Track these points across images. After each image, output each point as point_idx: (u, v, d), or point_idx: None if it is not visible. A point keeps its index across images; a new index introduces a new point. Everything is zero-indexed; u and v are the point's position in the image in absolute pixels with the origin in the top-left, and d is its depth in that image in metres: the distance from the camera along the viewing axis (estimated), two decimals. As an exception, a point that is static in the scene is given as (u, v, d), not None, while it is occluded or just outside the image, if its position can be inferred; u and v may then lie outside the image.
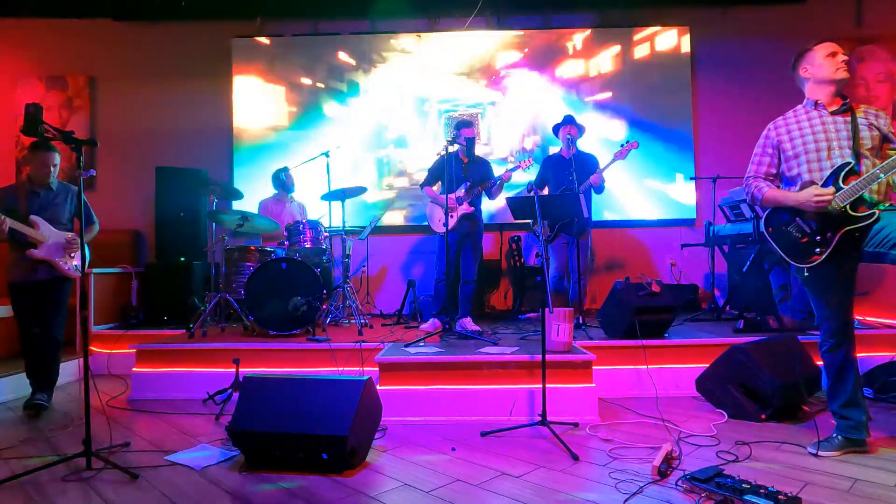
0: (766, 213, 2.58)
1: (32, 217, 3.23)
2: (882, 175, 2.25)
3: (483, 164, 4.38)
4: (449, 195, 4.17)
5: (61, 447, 2.73)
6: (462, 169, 4.26)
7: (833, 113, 2.46)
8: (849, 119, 2.42)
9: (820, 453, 2.43)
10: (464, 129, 4.24)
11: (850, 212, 2.31)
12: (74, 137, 2.66)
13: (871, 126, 2.39)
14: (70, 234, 3.39)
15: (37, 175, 3.29)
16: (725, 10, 5.90)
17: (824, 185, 2.37)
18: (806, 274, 2.42)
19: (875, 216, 2.28)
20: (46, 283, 3.30)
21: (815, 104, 2.50)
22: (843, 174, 2.33)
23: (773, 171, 2.60)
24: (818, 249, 2.37)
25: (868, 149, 2.37)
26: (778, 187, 2.59)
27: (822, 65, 2.46)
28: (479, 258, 4.39)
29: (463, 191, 4.21)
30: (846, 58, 2.45)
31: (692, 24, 5.92)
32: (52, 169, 3.30)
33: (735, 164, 5.57)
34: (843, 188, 2.31)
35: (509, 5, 6.00)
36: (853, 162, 2.33)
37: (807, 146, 2.46)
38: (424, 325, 4.14)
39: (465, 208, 4.20)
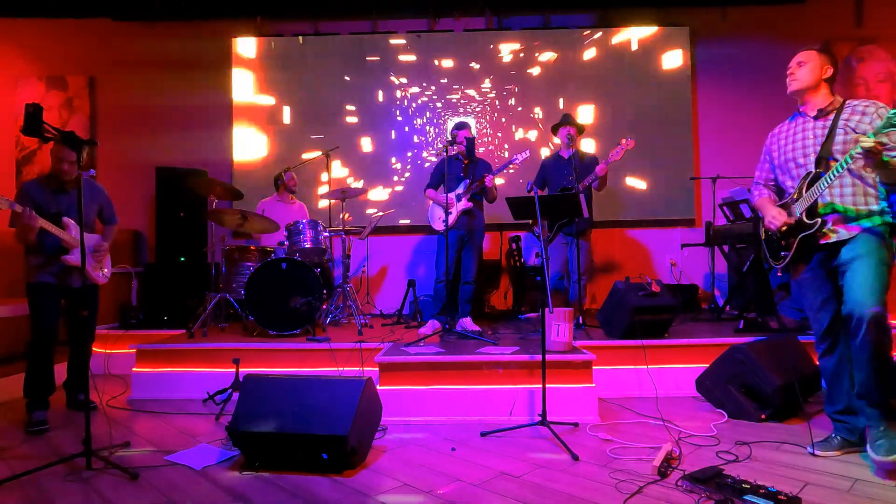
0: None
1: (65, 219, 3.10)
2: (823, 187, 2.26)
3: (483, 164, 4.38)
4: (449, 195, 4.18)
5: (61, 447, 2.74)
6: (462, 169, 4.27)
7: (816, 117, 2.45)
8: (829, 123, 2.40)
9: (818, 453, 2.44)
10: (461, 130, 4.27)
11: (805, 220, 2.36)
12: (74, 137, 2.66)
13: (849, 129, 2.32)
14: (95, 243, 3.31)
15: (56, 170, 3.10)
16: (725, 10, 5.90)
17: (795, 195, 2.43)
18: (779, 275, 2.53)
19: (818, 224, 2.31)
20: (79, 291, 3.15)
21: (798, 112, 2.54)
22: (807, 182, 2.37)
23: (772, 177, 2.65)
24: (783, 253, 2.48)
25: (841, 152, 2.31)
26: (782, 191, 2.63)
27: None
28: (479, 258, 4.39)
29: (462, 188, 4.22)
30: (791, 70, 2.51)
31: (692, 24, 5.92)
32: (68, 166, 3.09)
33: (735, 164, 5.59)
34: (802, 196, 2.37)
35: (509, 5, 6.00)
36: (814, 171, 2.35)
37: (786, 155, 2.51)
38: (423, 329, 4.12)
39: (464, 204, 4.20)
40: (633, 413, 3.12)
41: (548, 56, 5.95)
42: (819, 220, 2.32)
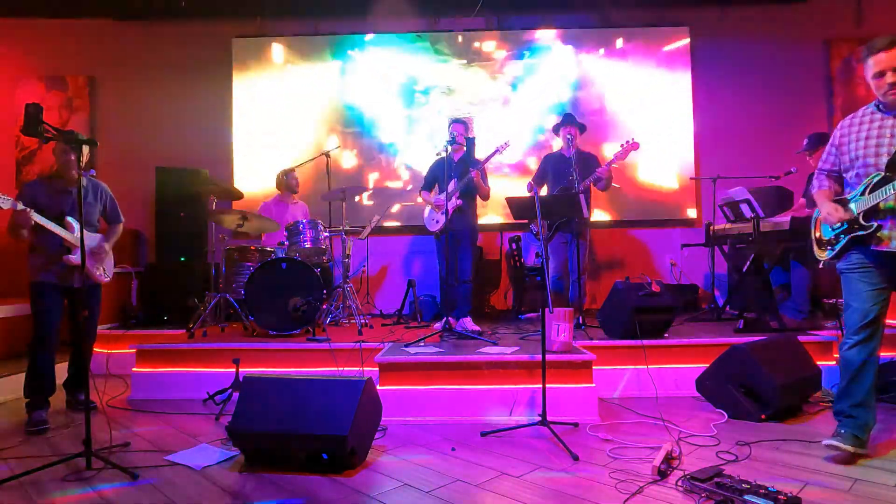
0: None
1: (68, 219, 3.09)
2: (888, 193, 2.21)
3: (474, 163, 4.36)
4: (441, 195, 4.21)
5: (61, 447, 2.74)
6: (453, 168, 4.25)
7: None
8: None
9: (835, 443, 2.36)
10: (455, 125, 4.28)
11: (862, 221, 2.33)
12: (74, 137, 2.66)
13: None
14: (97, 242, 3.31)
15: (60, 169, 3.13)
16: (725, 10, 5.90)
17: (859, 193, 2.37)
18: (821, 266, 2.54)
19: (874, 227, 2.28)
20: (81, 290, 3.13)
21: (878, 105, 2.40)
22: (871, 184, 2.31)
23: (836, 169, 2.57)
24: (829, 248, 2.48)
25: None
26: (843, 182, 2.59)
27: (872, 83, 2.35)
28: (474, 257, 4.37)
29: (452, 187, 4.21)
30: (893, 80, 2.25)
31: (692, 23, 5.92)
32: (70, 163, 3.05)
33: (735, 164, 5.59)
34: (864, 197, 2.32)
35: (509, 5, 6.00)
36: (882, 173, 2.28)
37: (856, 152, 2.40)
38: (438, 325, 4.14)
39: (454, 203, 4.19)
40: (633, 413, 3.12)
41: (548, 56, 5.95)
42: (875, 223, 2.28)
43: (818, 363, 3.25)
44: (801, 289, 4.11)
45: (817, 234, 2.59)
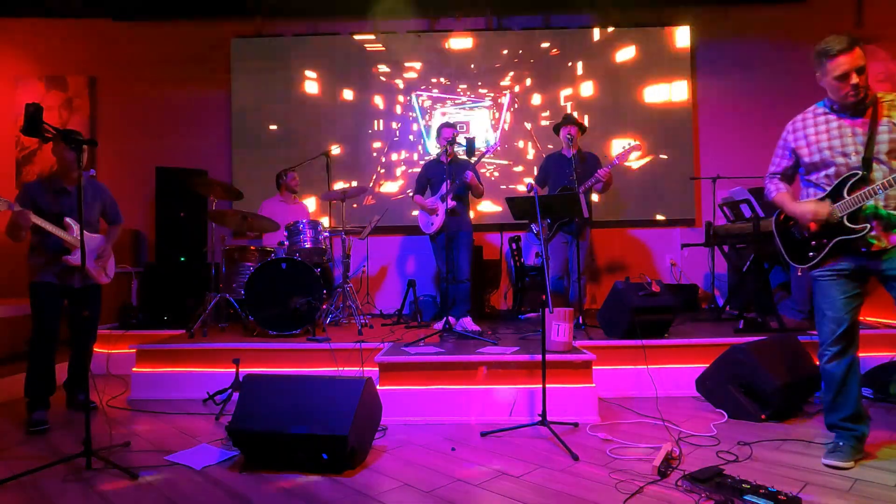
0: (778, 209, 2.56)
1: (67, 220, 3.09)
2: (881, 192, 2.17)
3: (465, 164, 4.36)
4: (435, 198, 4.20)
5: (61, 447, 2.74)
6: (444, 170, 4.24)
7: (854, 114, 2.29)
8: (868, 121, 2.25)
9: (835, 463, 2.31)
10: (446, 129, 4.28)
11: (847, 223, 2.27)
12: (75, 137, 2.66)
13: (894, 127, 2.21)
14: (98, 241, 3.31)
15: (60, 169, 3.13)
16: (726, 9, 5.90)
17: (830, 193, 2.31)
18: (799, 274, 2.44)
19: (867, 229, 2.22)
20: (81, 291, 3.16)
21: (832, 106, 2.35)
22: (849, 184, 2.25)
23: (790, 171, 2.53)
24: (811, 253, 2.39)
25: (886, 153, 2.21)
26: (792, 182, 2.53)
27: (832, 85, 2.27)
28: (470, 256, 4.37)
29: (445, 189, 4.21)
30: (857, 81, 2.20)
31: (693, 23, 5.92)
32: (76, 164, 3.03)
33: (735, 164, 5.59)
34: (845, 199, 2.26)
35: (509, 5, 6.00)
36: (860, 172, 2.23)
37: (822, 153, 2.33)
38: (438, 325, 4.15)
39: (448, 204, 4.20)
40: (633, 413, 3.12)
41: (548, 56, 5.95)
42: (867, 225, 2.22)
43: (818, 363, 3.24)
44: (801, 288, 4.11)
45: (794, 238, 2.47)
